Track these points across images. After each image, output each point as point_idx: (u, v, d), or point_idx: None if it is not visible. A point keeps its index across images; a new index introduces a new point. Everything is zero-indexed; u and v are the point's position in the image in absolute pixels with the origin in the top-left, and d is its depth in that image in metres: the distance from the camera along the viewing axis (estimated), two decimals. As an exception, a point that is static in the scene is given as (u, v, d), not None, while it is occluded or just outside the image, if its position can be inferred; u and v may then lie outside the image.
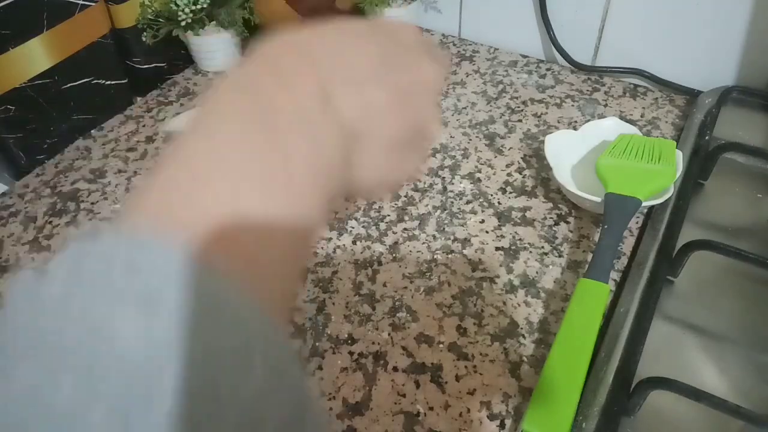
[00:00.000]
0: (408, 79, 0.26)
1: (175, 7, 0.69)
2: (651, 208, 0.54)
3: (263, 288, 0.19)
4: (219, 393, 0.15)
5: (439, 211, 0.56)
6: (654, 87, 0.72)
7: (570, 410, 0.39)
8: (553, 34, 0.74)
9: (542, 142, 0.58)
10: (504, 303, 0.48)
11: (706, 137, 0.62)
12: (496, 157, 0.63)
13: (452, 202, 0.57)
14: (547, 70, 0.76)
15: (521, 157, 0.63)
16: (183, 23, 0.70)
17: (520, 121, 0.68)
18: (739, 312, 0.48)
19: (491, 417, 0.41)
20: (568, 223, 0.55)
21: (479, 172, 0.61)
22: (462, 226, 0.55)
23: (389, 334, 0.46)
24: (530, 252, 0.53)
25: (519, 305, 0.48)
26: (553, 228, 0.55)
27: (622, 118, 0.64)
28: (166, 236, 0.17)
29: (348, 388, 0.43)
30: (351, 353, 0.45)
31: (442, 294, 0.49)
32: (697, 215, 0.55)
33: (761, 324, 0.47)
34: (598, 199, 0.52)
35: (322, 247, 0.53)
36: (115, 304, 0.15)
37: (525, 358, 0.45)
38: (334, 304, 0.49)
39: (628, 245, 0.53)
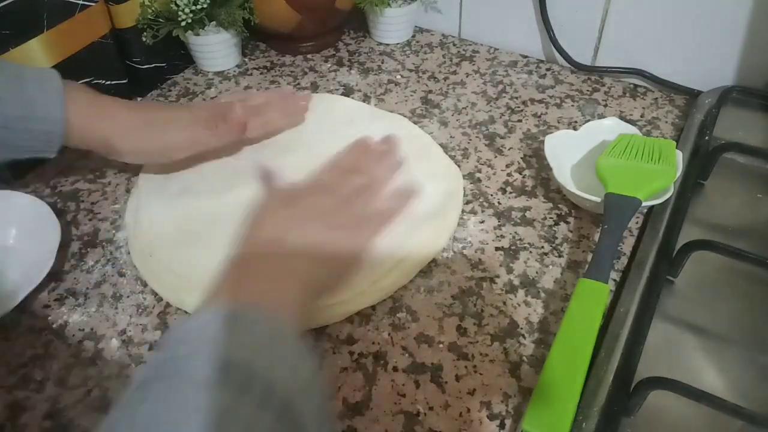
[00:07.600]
0: None
1: (175, 8, 0.69)
2: (651, 208, 0.54)
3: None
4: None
5: (439, 211, 0.56)
6: (654, 87, 0.72)
7: (570, 410, 0.39)
8: (553, 34, 0.74)
9: (542, 142, 0.58)
10: (504, 303, 0.48)
11: (706, 137, 0.62)
12: (496, 157, 0.63)
13: (452, 202, 0.57)
14: (547, 70, 0.76)
15: (521, 157, 0.63)
16: (183, 23, 0.70)
17: (520, 121, 0.68)
18: (739, 312, 0.48)
19: (491, 417, 0.41)
20: (568, 223, 0.55)
21: (479, 172, 0.61)
22: (462, 226, 0.55)
23: (389, 334, 0.46)
24: (530, 252, 0.53)
25: (519, 305, 0.48)
26: (553, 228, 0.55)
27: (622, 118, 0.64)
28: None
29: (348, 388, 0.43)
30: (351, 353, 0.45)
31: (442, 294, 0.49)
32: (697, 215, 0.55)
33: (761, 324, 0.47)
34: (598, 199, 0.52)
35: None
36: None
37: (525, 358, 0.45)
38: (334, 304, 0.49)
39: (628, 245, 0.53)
